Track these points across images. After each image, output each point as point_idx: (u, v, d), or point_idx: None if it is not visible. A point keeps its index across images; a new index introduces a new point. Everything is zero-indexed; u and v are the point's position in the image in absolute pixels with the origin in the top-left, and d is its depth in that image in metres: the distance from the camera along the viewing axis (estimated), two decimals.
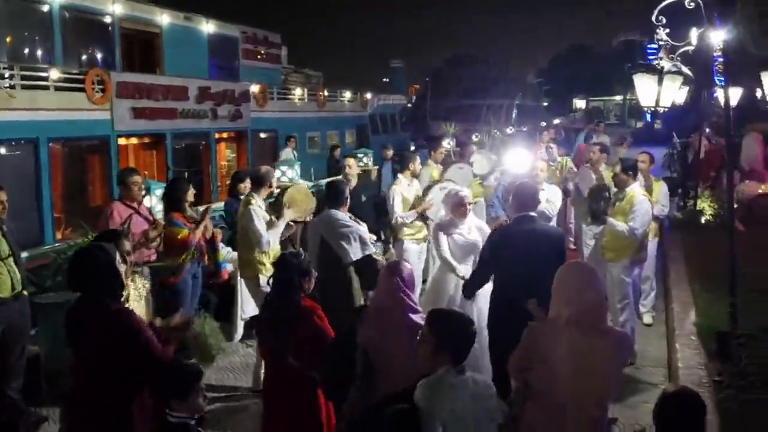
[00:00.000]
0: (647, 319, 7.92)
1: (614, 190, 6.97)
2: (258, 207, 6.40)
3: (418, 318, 3.81)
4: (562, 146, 13.93)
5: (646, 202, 6.66)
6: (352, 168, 8.63)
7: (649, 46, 28.94)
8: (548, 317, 3.51)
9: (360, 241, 5.33)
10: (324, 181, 13.38)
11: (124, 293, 3.72)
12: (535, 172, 7.86)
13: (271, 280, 4.32)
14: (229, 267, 7.53)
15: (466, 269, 5.94)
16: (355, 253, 5.27)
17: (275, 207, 6.73)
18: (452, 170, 9.91)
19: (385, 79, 54.50)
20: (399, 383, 3.59)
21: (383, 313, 3.85)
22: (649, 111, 7.33)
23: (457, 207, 6.23)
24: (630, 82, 7.48)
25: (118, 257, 3.70)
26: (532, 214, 5.10)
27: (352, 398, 3.75)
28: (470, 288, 5.39)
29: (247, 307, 7.31)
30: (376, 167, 14.85)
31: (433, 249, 8.26)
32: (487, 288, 5.30)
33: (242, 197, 7.07)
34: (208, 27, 20.36)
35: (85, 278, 3.51)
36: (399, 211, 7.76)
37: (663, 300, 8.42)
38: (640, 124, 41.38)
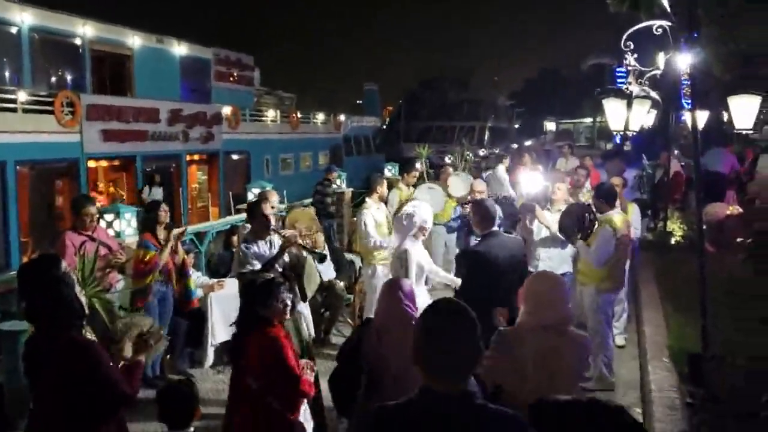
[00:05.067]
0: (620, 341, 7.91)
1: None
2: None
3: None
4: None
5: (607, 231, 6.56)
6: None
7: (617, 69, 29.38)
8: (517, 322, 3.69)
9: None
10: (307, 201, 13.34)
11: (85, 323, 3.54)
12: (552, 190, 7.69)
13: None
14: (199, 293, 7.41)
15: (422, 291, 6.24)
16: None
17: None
18: (422, 190, 9.72)
19: (358, 101, 54.68)
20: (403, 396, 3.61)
21: (387, 328, 3.87)
22: (618, 134, 7.45)
23: (420, 229, 6.51)
24: (599, 105, 7.56)
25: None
26: (495, 228, 5.58)
27: (357, 412, 3.77)
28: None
29: (218, 333, 7.24)
30: (350, 189, 14.81)
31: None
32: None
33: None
34: (180, 49, 20.30)
35: (41, 309, 3.19)
36: (376, 235, 7.52)
37: (635, 321, 8.42)
38: (609, 146, 41.95)
